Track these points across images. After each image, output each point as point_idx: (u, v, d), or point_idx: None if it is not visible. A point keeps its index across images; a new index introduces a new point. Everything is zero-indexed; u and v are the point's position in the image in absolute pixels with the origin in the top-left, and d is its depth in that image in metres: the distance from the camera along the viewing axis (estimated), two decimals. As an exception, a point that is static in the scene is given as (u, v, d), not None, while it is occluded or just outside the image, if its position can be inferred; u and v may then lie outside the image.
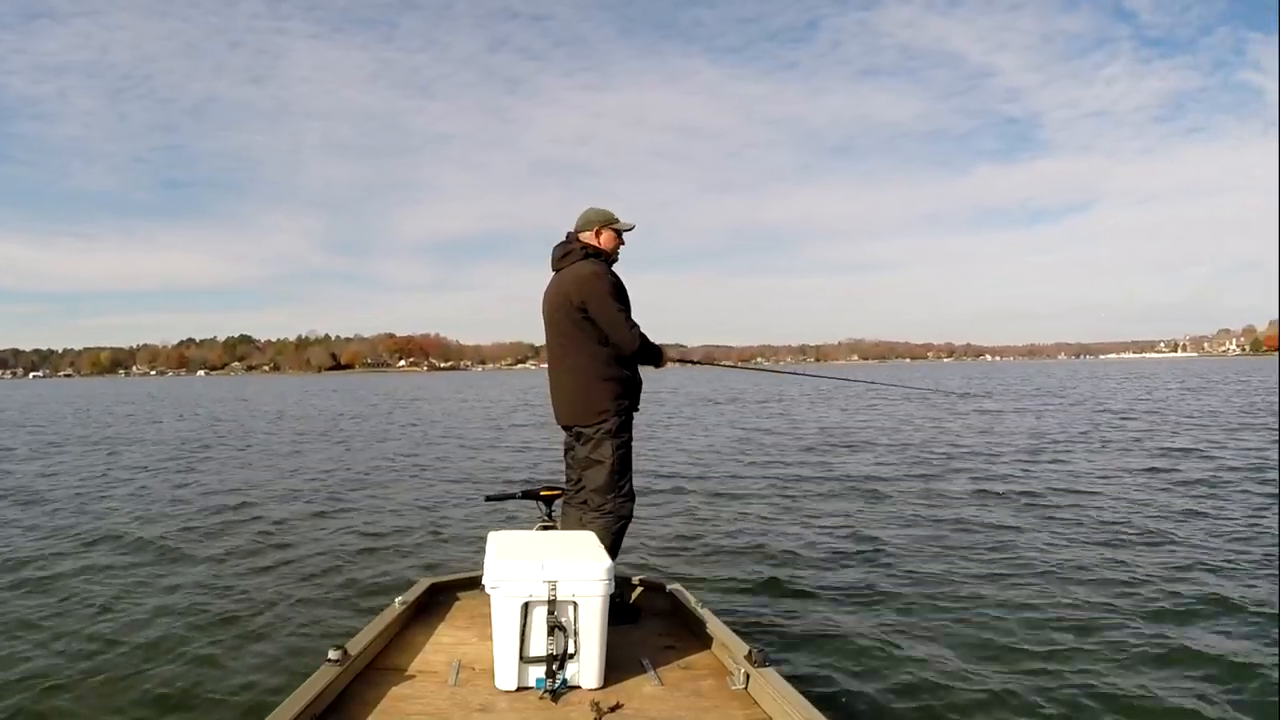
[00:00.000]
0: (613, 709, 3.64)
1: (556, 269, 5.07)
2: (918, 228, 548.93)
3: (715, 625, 4.41)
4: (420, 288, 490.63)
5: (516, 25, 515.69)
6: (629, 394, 4.96)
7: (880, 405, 33.74)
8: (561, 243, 5.12)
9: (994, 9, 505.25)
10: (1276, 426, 21.56)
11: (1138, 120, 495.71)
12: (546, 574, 3.78)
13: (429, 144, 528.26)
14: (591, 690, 3.84)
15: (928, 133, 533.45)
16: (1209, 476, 13.66)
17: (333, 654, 3.86)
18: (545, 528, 5.09)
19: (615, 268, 5.10)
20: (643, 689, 3.89)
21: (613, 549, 4.66)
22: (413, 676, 4.07)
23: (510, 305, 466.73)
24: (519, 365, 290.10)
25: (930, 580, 8.00)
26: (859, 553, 9.10)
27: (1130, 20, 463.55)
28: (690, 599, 4.89)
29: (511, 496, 5.51)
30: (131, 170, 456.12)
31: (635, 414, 5.05)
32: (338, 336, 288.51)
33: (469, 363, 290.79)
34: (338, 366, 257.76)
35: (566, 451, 5.14)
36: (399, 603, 4.83)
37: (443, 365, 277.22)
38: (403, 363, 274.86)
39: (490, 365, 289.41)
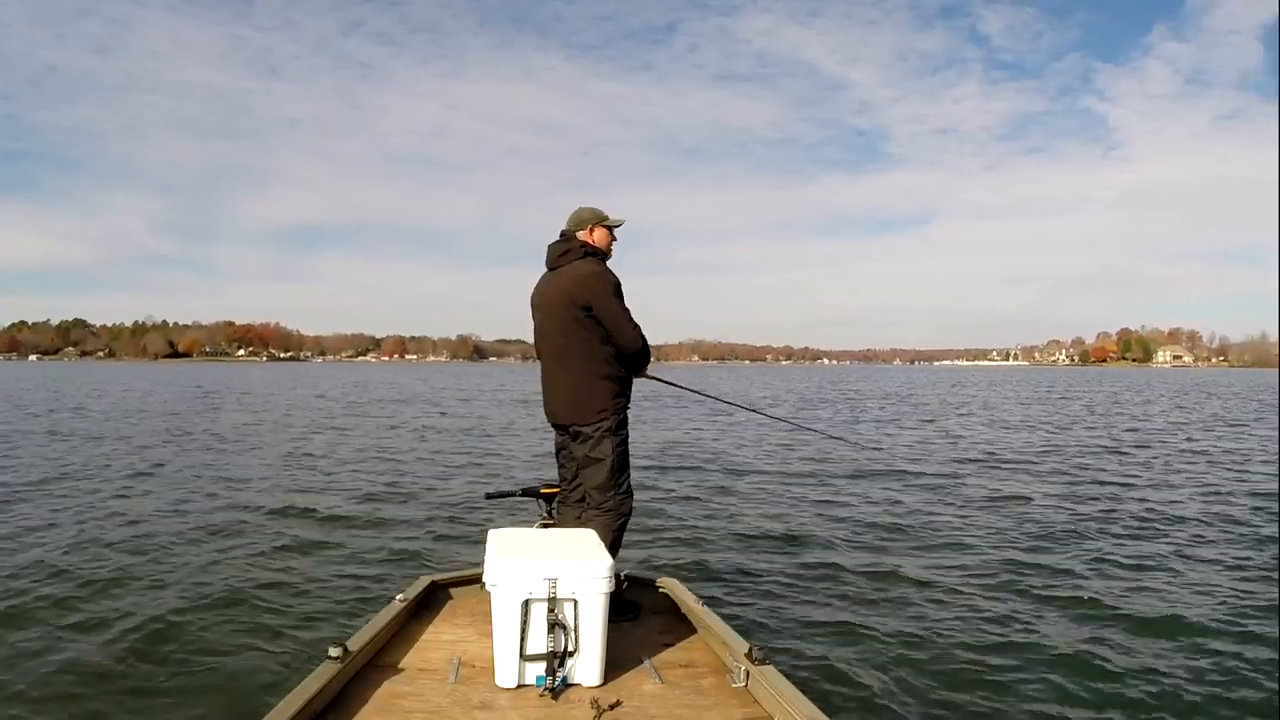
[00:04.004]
0: (612, 706, 3.66)
1: (554, 267, 5.04)
2: (764, 232, 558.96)
3: (715, 622, 4.46)
4: (262, 276, 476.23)
5: (372, 8, 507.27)
6: (626, 392, 4.99)
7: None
8: (559, 240, 5.09)
9: (852, 23, 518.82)
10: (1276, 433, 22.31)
11: (982, 138, 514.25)
12: (547, 572, 3.78)
13: (277, 128, 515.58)
14: (591, 688, 3.84)
15: (779, 140, 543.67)
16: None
17: (333, 651, 3.80)
18: (546, 525, 5.09)
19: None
20: (643, 686, 3.92)
21: (613, 547, 4.68)
22: (413, 674, 4.03)
23: (352, 297, 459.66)
24: (359, 357, 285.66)
25: (931, 578, 8.18)
26: (858, 551, 9.30)
27: (983, 43, 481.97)
28: (689, 596, 4.93)
29: (511, 494, 5.49)
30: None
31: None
32: (176, 323, 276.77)
33: (309, 353, 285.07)
34: (175, 354, 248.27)
35: (559, 451, 5.14)
36: (399, 600, 4.76)
37: (282, 355, 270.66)
38: (242, 352, 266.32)
39: (330, 356, 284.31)
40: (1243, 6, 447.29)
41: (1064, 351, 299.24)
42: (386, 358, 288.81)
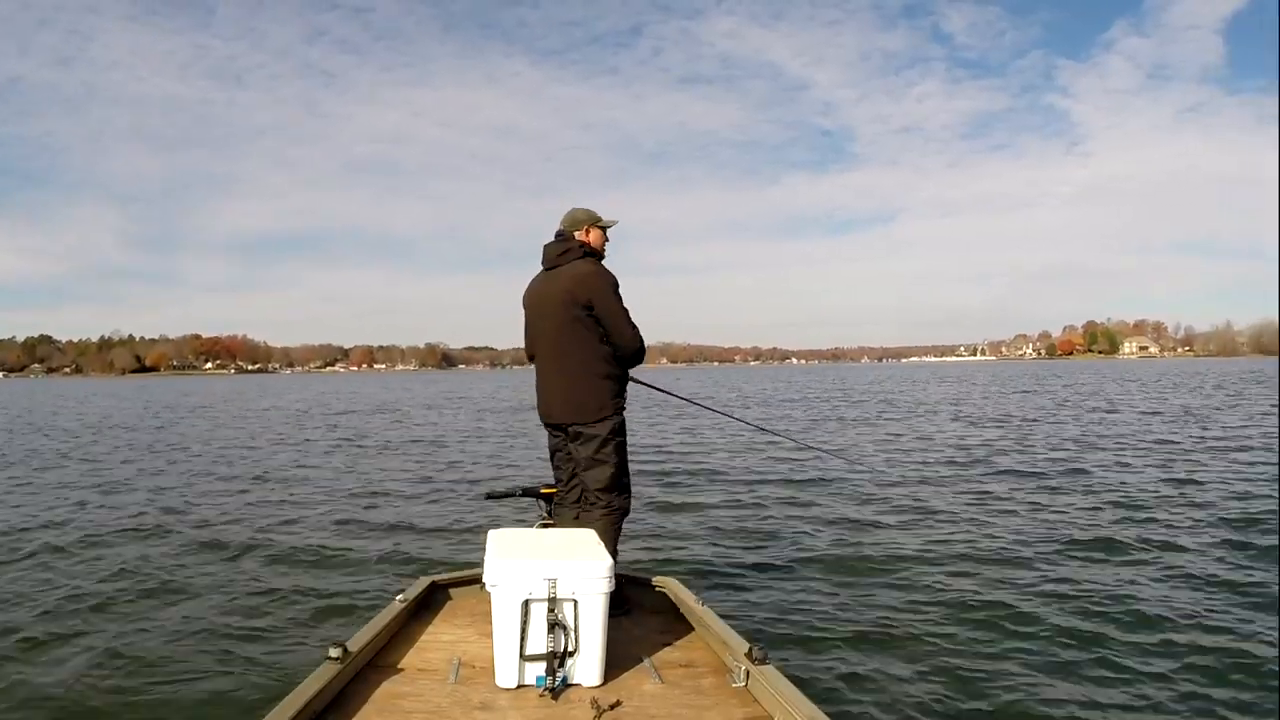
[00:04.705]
0: (612, 706, 3.65)
1: (552, 266, 5.03)
2: (728, 234, 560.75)
3: (715, 622, 4.45)
4: (228, 287, 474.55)
5: (336, 16, 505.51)
6: (624, 392, 5.00)
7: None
8: (557, 240, 5.09)
9: (815, 24, 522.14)
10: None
11: (945, 137, 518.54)
12: (547, 572, 3.78)
13: (241, 137, 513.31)
14: (591, 688, 3.84)
15: (742, 142, 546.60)
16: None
17: (333, 651, 3.79)
18: (545, 525, 5.09)
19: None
20: (643, 686, 3.91)
21: (614, 546, 4.69)
22: (413, 674, 4.03)
23: (319, 306, 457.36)
24: (328, 368, 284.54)
25: (931, 577, 8.19)
26: (857, 551, 9.28)
27: (946, 42, 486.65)
28: (689, 595, 4.92)
29: (511, 494, 5.49)
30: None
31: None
32: (142, 337, 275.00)
33: (277, 365, 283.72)
34: (142, 369, 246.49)
35: (555, 452, 5.13)
36: (399, 600, 4.75)
37: (250, 368, 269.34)
38: (209, 365, 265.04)
39: (299, 368, 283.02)
40: (1202, 1, 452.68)
41: (1030, 345, 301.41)
42: (355, 368, 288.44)
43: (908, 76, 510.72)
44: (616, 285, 4.93)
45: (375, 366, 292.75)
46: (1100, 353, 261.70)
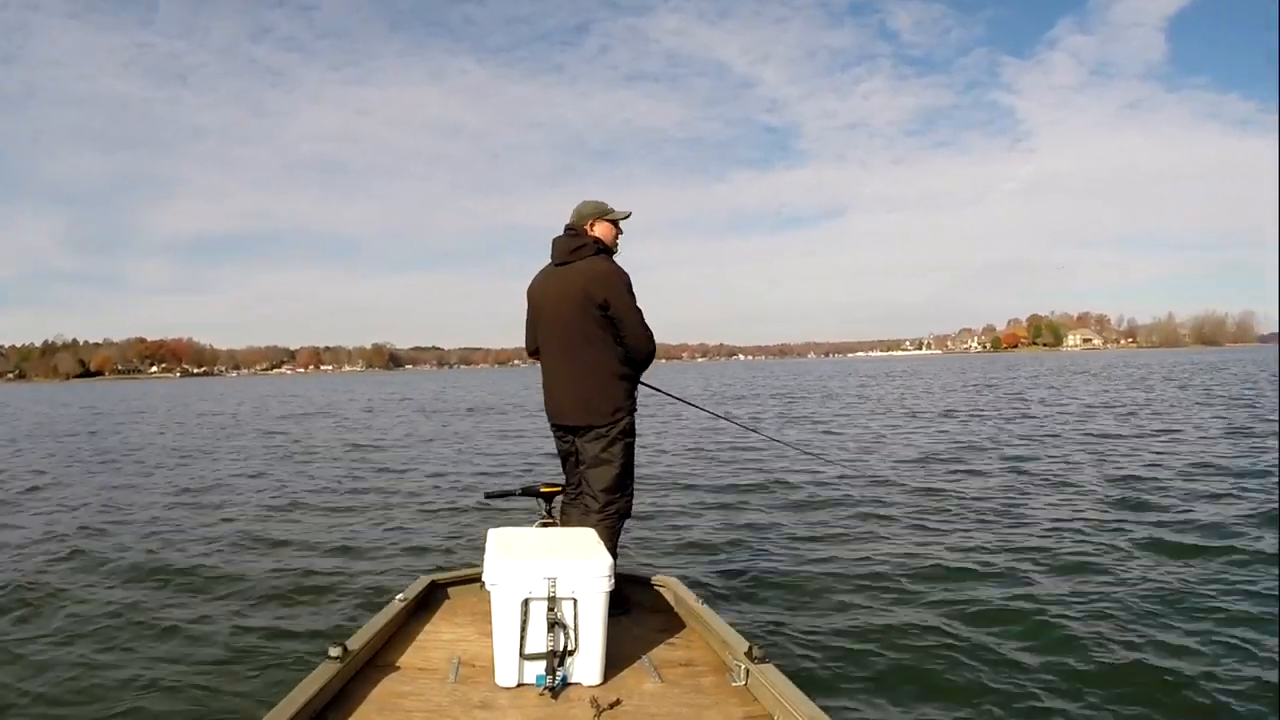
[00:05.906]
0: (612, 705, 3.65)
1: (564, 262, 4.92)
2: (674, 231, 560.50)
3: (715, 621, 4.45)
4: (172, 289, 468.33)
5: (281, 14, 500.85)
6: (634, 393, 4.96)
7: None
8: (569, 235, 4.98)
9: (762, 22, 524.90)
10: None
11: (890, 133, 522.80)
12: (546, 571, 3.77)
13: (184, 137, 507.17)
14: (591, 687, 3.84)
15: (688, 139, 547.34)
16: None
17: (333, 650, 3.79)
18: (545, 524, 5.07)
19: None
20: (643, 685, 3.91)
21: (613, 547, 4.67)
22: (413, 673, 4.02)
23: (266, 308, 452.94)
24: (274, 370, 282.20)
25: (929, 577, 8.15)
26: (857, 550, 9.27)
27: (892, 39, 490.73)
28: (689, 594, 4.93)
29: (511, 493, 5.46)
30: None
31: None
32: (86, 341, 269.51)
33: (223, 368, 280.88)
34: (87, 374, 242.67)
35: (566, 457, 5.08)
36: (399, 600, 4.73)
37: (196, 370, 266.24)
38: (154, 369, 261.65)
39: (245, 370, 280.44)
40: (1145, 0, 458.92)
41: (976, 339, 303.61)
42: (302, 369, 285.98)
43: (854, 73, 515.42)
44: (630, 284, 4.85)
45: (322, 368, 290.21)
46: (1045, 345, 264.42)
